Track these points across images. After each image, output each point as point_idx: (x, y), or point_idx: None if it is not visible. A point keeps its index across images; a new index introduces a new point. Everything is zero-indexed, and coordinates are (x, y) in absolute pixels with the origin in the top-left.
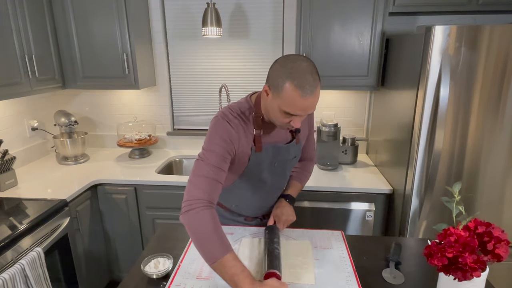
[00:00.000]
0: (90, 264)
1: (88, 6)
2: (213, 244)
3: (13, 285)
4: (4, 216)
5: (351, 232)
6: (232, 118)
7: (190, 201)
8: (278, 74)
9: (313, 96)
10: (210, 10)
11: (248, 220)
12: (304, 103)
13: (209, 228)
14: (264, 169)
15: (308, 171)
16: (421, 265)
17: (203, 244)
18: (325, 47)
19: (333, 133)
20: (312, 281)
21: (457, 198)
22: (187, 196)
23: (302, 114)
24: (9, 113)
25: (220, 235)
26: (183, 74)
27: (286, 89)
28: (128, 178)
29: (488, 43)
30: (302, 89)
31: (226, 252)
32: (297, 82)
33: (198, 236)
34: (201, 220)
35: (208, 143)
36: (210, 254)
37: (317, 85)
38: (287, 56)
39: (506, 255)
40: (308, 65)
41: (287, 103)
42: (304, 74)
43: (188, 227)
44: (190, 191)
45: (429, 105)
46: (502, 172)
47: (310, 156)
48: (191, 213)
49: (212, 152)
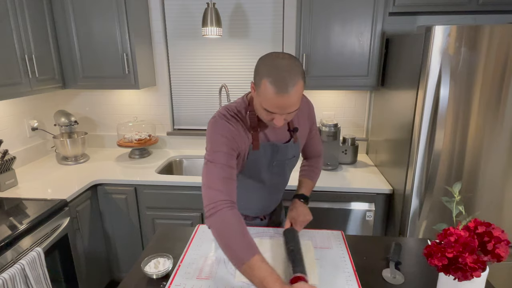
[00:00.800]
0: (90, 264)
1: (88, 6)
2: (240, 246)
3: (13, 285)
4: (4, 216)
5: (351, 232)
6: (230, 117)
7: (212, 204)
8: (258, 71)
9: (288, 94)
10: (210, 10)
11: (248, 219)
12: (279, 101)
13: (235, 229)
14: (263, 168)
15: (318, 168)
16: (421, 265)
17: (229, 246)
18: (325, 47)
19: (333, 133)
20: (316, 281)
21: (457, 198)
22: (208, 200)
23: (279, 112)
24: (9, 113)
25: (247, 237)
26: (183, 74)
27: (263, 86)
28: (128, 178)
29: (488, 43)
30: (277, 86)
31: (254, 254)
32: (272, 79)
33: (224, 239)
34: (226, 221)
35: (212, 144)
36: (237, 257)
37: (295, 84)
38: (270, 54)
39: (506, 255)
40: (289, 63)
41: (264, 100)
42: (281, 72)
43: (214, 229)
44: (209, 194)
45: (429, 105)
46: (502, 172)
47: (317, 152)
48: (215, 216)
49: (219, 152)
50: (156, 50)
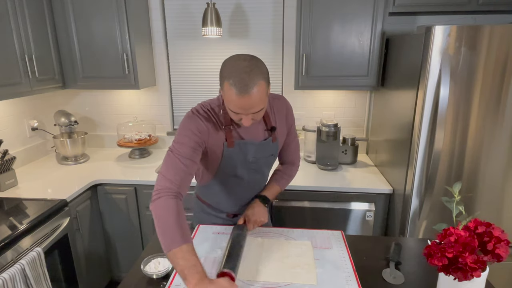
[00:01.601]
0: (90, 264)
1: (88, 6)
2: (172, 233)
3: (13, 285)
4: (4, 216)
5: (351, 232)
6: (203, 113)
7: (158, 190)
8: (221, 73)
9: (249, 95)
10: (210, 10)
11: (230, 216)
12: (241, 102)
13: (172, 217)
14: (239, 165)
15: (289, 175)
16: (421, 265)
17: (163, 232)
18: (325, 47)
19: (333, 133)
20: (314, 281)
21: (457, 198)
22: (157, 186)
23: (243, 112)
24: (9, 113)
25: (181, 226)
26: (183, 74)
27: (225, 88)
28: (128, 178)
29: (488, 43)
30: (238, 88)
31: (182, 243)
32: (232, 81)
33: (160, 224)
34: (166, 208)
35: (179, 136)
36: (166, 243)
37: (255, 84)
38: (232, 56)
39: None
40: (248, 64)
41: (227, 101)
42: (240, 73)
43: (154, 214)
44: (160, 181)
45: (429, 105)
46: (502, 172)
47: (292, 160)
48: (158, 201)
49: (182, 144)
50: (156, 50)
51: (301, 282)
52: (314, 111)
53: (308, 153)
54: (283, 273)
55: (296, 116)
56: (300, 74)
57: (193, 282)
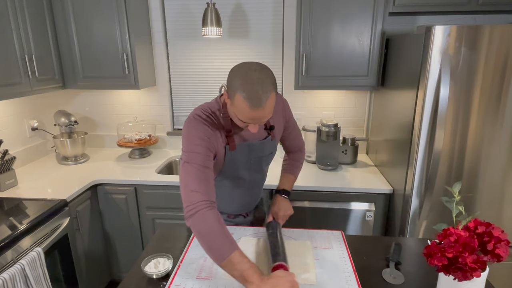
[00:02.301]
0: (90, 264)
1: (88, 6)
2: (221, 243)
3: (13, 285)
4: (4, 216)
5: (351, 232)
6: (205, 117)
7: (191, 205)
8: (231, 83)
9: (262, 108)
10: (210, 10)
11: (231, 217)
12: (253, 114)
13: (216, 228)
14: (241, 166)
15: (299, 161)
16: (421, 265)
17: (211, 244)
18: (325, 47)
19: (333, 133)
20: (314, 281)
21: (457, 198)
22: (187, 202)
23: (254, 123)
24: (9, 113)
25: (226, 234)
26: (183, 74)
27: (237, 100)
28: (128, 178)
29: (488, 43)
30: (251, 101)
31: (234, 250)
32: (245, 95)
33: (206, 237)
34: (207, 221)
35: (189, 145)
36: (218, 253)
37: (268, 98)
38: (241, 65)
39: (506, 255)
40: (260, 77)
41: (239, 113)
42: (254, 86)
43: (195, 230)
44: (188, 195)
45: (429, 105)
46: (502, 172)
47: (298, 146)
48: (196, 216)
49: (195, 153)
50: (156, 50)
51: (301, 282)
52: (314, 111)
53: (308, 153)
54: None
55: (296, 116)
56: (300, 74)
57: (256, 282)
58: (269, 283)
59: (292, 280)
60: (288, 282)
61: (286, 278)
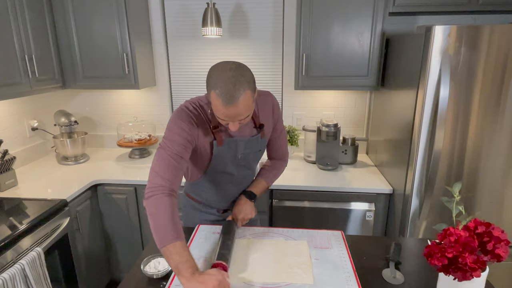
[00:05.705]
0: (90, 264)
1: (88, 6)
2: (166, 230)
3: (13, 285)
4: (4, 216)
5: (351, 232)
6: (192, 109)
7: (152, 188)
8: (208, 81)
9: (234, 105)
10: (210, 10)
11: (220, 212)
12: (227, 111)
13: (166, 215)
14: (229, 162)
15: (278, 170)
16: (421, 265)
17: (157, 228)
18: (325, 47)
19: (333, 133)
20: (311, 281)
21: (457, 198)
22: (150, 183)
23: (230, 120)
24: (9, 113)
25: (175, 223)
26: (183, 74)
27: (212, 97)
28: (128, 178)
29: (488, 43)
30: (223, 98)
31: (176, 240)
32: (218, 91)
33: (155, 221)
34: (160, 206)
35: (169, 133)
36: (161, 238)
37: (240, 95)
38: (218, 65)
39: (506, 255)
40: (234, 74)
41: (214, 109)
42: (226, 83)
43: (148, 212)
44: (153, 178)
45: (429, 105)
46: (502, 172)
47: (282, 155)
48: (152, 199)
49: (173, 141)
50: (156, 50)
51: (299, 282)
52: (314, 111)
53: (308, 153)
54: (280, 273)
55: (296, 116)
56: (300, 74)
57: (186, 276)
58: (197, 279)
59: (221, 279)
60: (216, 280)
61: (216, 276)
